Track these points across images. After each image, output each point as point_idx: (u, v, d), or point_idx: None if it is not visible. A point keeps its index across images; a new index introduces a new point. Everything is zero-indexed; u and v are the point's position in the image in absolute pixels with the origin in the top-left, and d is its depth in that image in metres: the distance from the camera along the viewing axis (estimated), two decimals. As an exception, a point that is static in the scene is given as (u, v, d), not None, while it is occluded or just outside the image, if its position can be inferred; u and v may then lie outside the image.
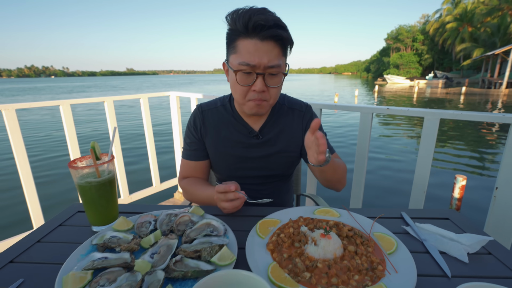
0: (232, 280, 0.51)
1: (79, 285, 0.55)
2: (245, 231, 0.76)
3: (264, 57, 0.86)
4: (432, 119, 1.43)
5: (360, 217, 0.83)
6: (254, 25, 0.83)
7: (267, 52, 0.86)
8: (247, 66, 0.87)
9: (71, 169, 0.76)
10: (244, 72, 0.89)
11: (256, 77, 0.89)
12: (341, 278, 0.58)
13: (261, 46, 0.86)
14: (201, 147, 1.12)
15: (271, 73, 0.90)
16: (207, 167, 1.16)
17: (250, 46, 0.86)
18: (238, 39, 0.88)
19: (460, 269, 0.63)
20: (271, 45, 0.86)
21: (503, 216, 1.28)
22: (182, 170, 1.16)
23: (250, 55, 0.86)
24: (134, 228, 0.78)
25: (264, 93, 0.92)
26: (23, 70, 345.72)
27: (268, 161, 1.09)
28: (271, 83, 0.92)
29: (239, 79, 0.91)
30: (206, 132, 1.10)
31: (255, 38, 0.85)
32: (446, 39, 44.24)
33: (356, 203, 1.80)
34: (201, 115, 1.11)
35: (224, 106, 1.11)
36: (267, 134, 1.08)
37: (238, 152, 1.08)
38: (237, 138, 1.08)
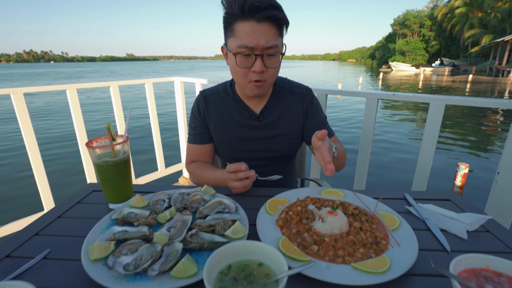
0: (247, 250, 0.55)
1: (104, 253, 0.60)
2: (254, 210, 0.80)
3: (262, 39, 0.88)
4: (437, 105, 1.44)
5: (365, 197, 0.86)
6: (250, 7, 0.85)
7: (264, 33, 0.88)
8: (245, 48, 0.90)
9: (89, 149, 0.80)
10: (243, 54, 0.92)
11: (255, 59, 0.92)
12: (347, 251, 0.62)
13: (258, 27, 0.88)
14: (206, 131, 1.16)
15: (269, 54, 0.92)
16: (213, 150, 1.20)
17: (248, 28, 0.88)
18: (235, 22, 0.90)
19: (459, 245, 0.67)
20: (267, 26, 0.89)
21: (503, 199, 1.32)
22: (189, 154, 1.20)
23: (248, 37, 0.88)
24: (149, 205, 0.82)
25: (263, 73, 0.95)
26: (22, 55, 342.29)
27: (270, 143, 1.13)
28: (270, 64, 0.95)
29: (238, 61, 0.93)
30: (209, 116, 1.14)
31: (252, 20, 0.87)
32: (455, 25, 43.08)
33: (359, 185, 1.84)
34: (204, 100, 1.15)
35: (226, 90, 1.15)
36: (268, 116, 1.11)
37: (240, 134, 1.12)
38: (239, 120, 1.12)
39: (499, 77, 23.60)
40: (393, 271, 0.55)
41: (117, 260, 0.58)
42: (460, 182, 3.29)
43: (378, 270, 0.55)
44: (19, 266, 0.62)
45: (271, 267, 0.53)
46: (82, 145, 2.28)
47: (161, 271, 0.55)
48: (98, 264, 0.58)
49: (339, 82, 17.84)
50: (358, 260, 0.60)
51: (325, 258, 0.60)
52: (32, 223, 0.78)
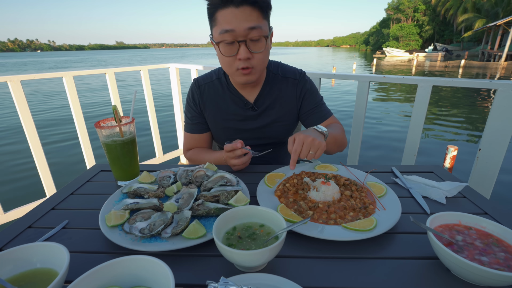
0: (250, 213, 0.62)
1: (120, 221, 0.66)
2: (254, 184, 0.87)
3: (242, 23, 0.87)
4: (424, 86, 1.51)
5: (356, 170, 0.93)
6: None
7: (245, 17, 0.87)
8: (226, 33, 0.89)
9: (98, 129, 0.84)
10: (226, 42, 0.91)
11: (239, 46, 0.91)
12: (338, 214, 0.69)
13: (238, 12, 0.87)
14: (202, 121, 1.17)
15: (253, 39, 0.91)
16: (210, 138, 1.23)
17: (227, 15, 0.88)
18: (216, 12, 0.90)
19: (438, 209, 0.75)
20: (248, 10, 0.87)
21: (484, 174, 1.41)
22: (186, 143, 1.22)
23: (227, 23, 0.88)
24: (156, 181, 0.88)
25: (249, 60, 0.94)
26: (6, 44, 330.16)
27: (265, 131, 1.15)
28: (255, 49, 0.93)
29: (222, 50, 0.93)
30: (204, 106, 1.15)
31: (231, 6, 0.87)
32: (448, 9, 42.86)
33: (352, 163, 1.93)
34: (198, 90, 1.15)
35: (219, 79, 1.14)
36: (262, 105, 1.12)
37: (236, 125, 1.14)
38: (234, 110, 1.12)
39: (491, 62, 23.83)
40: (379, 229, 0.63)
41: (133, 226, 0.65)
42: (449, 164, 3.42)
43: (365, 228, 0.63)
44: (42, 235, 0.68)
45: (272, 228, 0.61)
46: (80, 131, 2.30)
47: (174, 233, 0.62)
48: (115, 230, 0.65)
49: (333, 69, 17.79)
50: (348, 221, 0.67)
51: (319, 221, 0.68)
52: (47, 199, 0.83)
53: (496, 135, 1.34)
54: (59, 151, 4.72)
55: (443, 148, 4.66)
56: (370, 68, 23.48)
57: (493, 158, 1.37)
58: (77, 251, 0.61)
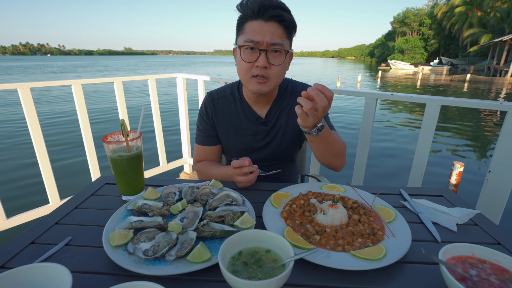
0: (256, 238, 0.61)
1: (124, 240, 0.65)
2: (259, 203, 0.85)
3: (267, 35, 0.94)
4: (433, 105, 1.50)
5: (363, 192, 0.92)
6: (260, 6, 0.92)
7: (270, 31, 0.94)
8: (251, 42, 0.95)
9: (104, 144, 0.84)
10: (248, 48, 0.96)
11: (259, 54, 0.96)
12: (346, 240, 0.67)
13: (265, 25, 0.94)
14: (214, 133, 1.20)
15: (274, 50, 0.96)
16: (220, 151, 1.25)
17: (255, 26, 0.95)
18: (246, 22, 0.97)
19: (449, 236, 0.73)
20: (274, 26, 0.94)
21: (493, 197, 1.38)
22: (197, 154, 1.24)
23: (254, 33, 0.95)
24: (161, 197, 0.88)
25: (266, 69, 0.98)
26: (18, 47, 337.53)
27: (274, 145, 1.17)
28: (274, 61, 0.98)
29: (243, 55, 0.98)
30: (217, 120, 1.18)
31: (260, 19, 0.94)
32: (454, 24, 43.13)
33: (357, 182, 1.91)
34: (211, 104, 1.18)
35: (233, 94, 1.17)
36: (273, 119, 1.15)
37: (247, 140, 1.16)
38: (246, 125, 1.15)
39: (497, 77, 23.75)
40: (388, 258, 0.61)
41: (137, 246, 0.63)
42: (455, 181, 3.36)
43: (374, 257, 0.61)
44: (44, 252, 0.67)
45: (278, 254, 0.59)
46: (87, 140, 2.31)
47: (178, 256, 0.61)
48: (119, 250, 0.64)
49: (338, 80, 17.87)
50: (357, 248, 0.65)
51: (326, 247, 0.66)
52: (51, 213, 0.83)
53: (507, 158, 1.31)
54: (63, 156, 4.75)
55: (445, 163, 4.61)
56: (375, 80, 23.54)
57: (503, 181, 1.34)
58: (79, 271, 0.60)
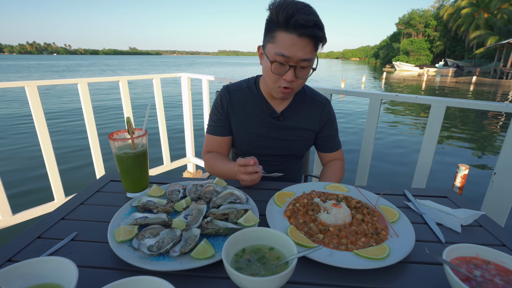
0: (260, 235, 0.61)
1: (128, 236, 0.66)
2: (263, 201, 0.86)
3: (299, 52, 0.95)
4: (438, 106, 1.49)
5: (367, 192, 0.92)
6: (295, 23, 0.90)
7: (302, 47, 0.94)
8: (282, 57, 0.96)
9: (110, 141, 0.85)
10: (279, 62, 0.98)
11: (288, 68, 0.98)
12: (349, 239, 0.67)
13: (298, 41, 0.93)
14: (226, 124, 1.22)
15: (302, 66, 0.99)
16: (230, 143, 1.27)
17: (288, 40, 0.93)
18: (277, 30, 0.95)
19: (453, 237, 0.73)
20: (306, 42, 0.94)
21: (499, 199, 1.37)
22: (207, 144, 1.27)
23: (286, 48, 0.94)
24: (165, 194, 0.88)
25: (292, 82, 1.02)
26: (25, 46, 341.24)
27: (285, 142, 1.21)
28: (300, 75, 1.01)
29: (273, 68, 1.00)
30: (232, 110, 1.20)
31: (294, 33, 0.92)
32: (460, 26, 42.74)
33: (361, 183, 1.90)
34: (228, 95, 1.21)
35: (250, 87, 1.21)
36: (288, 118, 1.19)
37: (260, 130, 1.19)
38: (260, 116, 1.19)
39: (503, 79, 23.49)
40: (392, 258, 0.61)
41: (141, 242, 0.64)
42: (459, 183, 3.33)
43: (378, 257, 0.61)
44: (50, 246, 0.68)
45: (281, 251, 0.59)
46: (92, 138, 2.34)
47: (182, 252, 0.61)
48: (123, 245, 0.64)
49: (342, 81, 17.82)
50: (360, 247, 0.65)
51: (329, 246, 0.66)
52: (57, 209, 0.84)
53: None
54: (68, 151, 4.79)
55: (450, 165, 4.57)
56: (380, 81, 23.42)
57: (509, 183, 1.33)
58: (85, 266, 0.61)
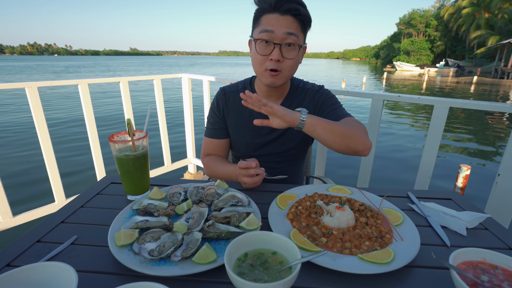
0: (263, 240, 0.60)
1: (129, 240, 0.65)
2: (265, 204, 0.85)
3: (283, 28, 0.96)
4: (441, 107, 1.48)
5: (370, 194, 0.91)
6: (277, 2, 0.94)
7: (286, 24, 0.96)
8: (265, 33, 0.97)
9: (111, 143, 0.84)
10: (263, 41, 0.98)
11: (273, 47, 0.98)
12: (353, 243, 0.66)
13: (281, 18, 0.96)
14: (223, 126, 1.21)
15: (288, 43, 0.98)
16: (228, 145, 1.26)
17: (271, 19, 0.97)
18: (262, 16, 0.99)
19: (458, 241, 0.72)
20: (290, 20, 0.96)
21: (503, 200, 1.36)
22: (205, 147, 1.26)
23: (269, 25, 0.97)
24: (166, 197, 0.87)
25: (279, 63, 1.00)
26: (26, 47, 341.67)
27: (283, 141, 1.18)
28: (287, 55, 1.00)
29: (258, 48, 1.00)
30: (228, 113, 1.19)
31: (276, 12, 0.96)
32: (461, 25, 42.64)
33: (363, 184, 1.89)
34: (223, 97, 1.20)
35: (245, 88, 1.20)
36: None
37: (256, 133, 1.17)
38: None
39: (504, 79, 23.42)
40: (397, 262, 0.60)
41: (142, 246, 0.63)
42: (461, 184, 3.31)
43: (383, 261, 0.60)
44: (50, 250, 0.67)
45: (285, 256, 0.58)
46: (92, 139, 2.33)
47: (183, 257, 0.60)
48: (124, 249, 0.64)
49: (342, 81, 17.79)
50: (364, 252, 0.64)
51: (333, 250, 0.65)
52: (57, 212, 0.83)
53: (517, 161, 1.29)
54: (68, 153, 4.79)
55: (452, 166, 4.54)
56: (380, 81, 23.39)
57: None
58: (85, 270, 0.60)
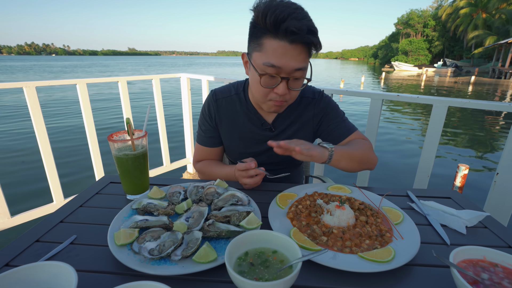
0: (263, 238, 0.60)
1: (129, 239, 0.65)
2: (265, 203, 0.85)
3: (292, 61, 0.83)
4: (440, 106, 1.49)
5: (370, 193, 0.91)
6: (287, 30, 0.78)
7: (294, 56, 0.82)
8: (272, 67, 0.84)
9: (110, 142, 0.84)
10: (269, 75, 0.86)
11: (280, 81, 0.87)
12: (354, 242, 0.66)
13: (290, 49, 0.81)
14: (216, 135, 1.15)
15: (295, 77, 0.88)
16: (221, 152, 1.21)
17: (278, 49, 0.81)
18: (264, 37, 0.83)
19: (458, 239, 0.72)
20: (299, 49, 0.82)
21: (502, 199, 1.36)
22: (197, 154, 1.20)
23: (277, 58, 0.82)
24: (166, 196, 0.87)
25: (285, 95, 0.91)
26: (23, 47, 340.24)
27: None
28: (294, 86, 0.91)
29: (263, 82, 0.88)
30: (220, 122, 1.13)
31: (284, 40, 0.80)
32: (459, 26, 42.82)
33: (362, 183, 1.89)
34: (215, 104, 1.12)
35: (238, 95, 1.11)
36: (280, 126, 1.11)
37: (251, 143, 1.12)
38: (250, 129, 1.10)
39: (502, 79, 23.54)
40: (397, 261, 0.60)
41: (142, 245, 0.63)
42: (459, 183, 3.33)
43: (383, 259, 0.60)
44: (49, 250, 0.66)
45: (285, 254, 0.58)
46: (91, 139, 2.32)
47: (184, 256, 0.60)
48: (124, 249, 0.63)
49: (341, 81, 17.83)
50: (365, 250, 0.64)
51: (333, 248, 0.65)
52: (56, 212, 0.83)
53: (515, 160, 1.30)
54: (67, 154, 4.77)
55: (450, 165, 4.56)
56: (379, 81, 23.45)
57: (511, 184, 1.32)
58: (84, 270, 0.60)
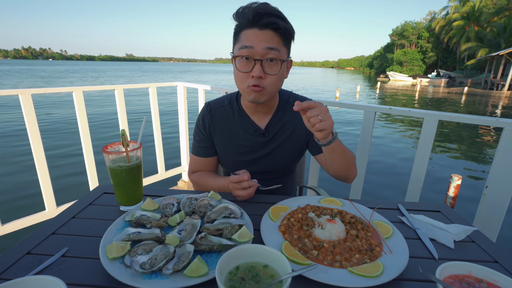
0: (254, 253, 0.61)
1: (121, 253, 0.65)
2: (257, 215, 0.85)
3: (262, 42, 0.93)
4: (431, 120, 1.52)
5: (361, 206, 0.92)
6: (254, 14, 0.91)
7: (265, 39, 0.93)
8: (245, 49, 0.94)
9: (104, 154, 0.85)
10: (243, 58, 0.95)
11: (254, 64, 0.95)
12: (344, 256, 0.67)
13: (260, 33, 0.93)
14: (210, 145, 1.17)
15: (269, 59, 0.94)
16: (216, 162, 1.23)
17: (250, 34, 0.94)
18: (241, 31, 0.96)
19: (446, 253, 0.73)
20: (270, 34, 0.93)
21: (491, 212, 1.39)
22: (192, 165, 1.22)
23: (249, 40, 0.94)
24: (159, 208, 0.88)
25: (261, 79, 0.96)
26: (20, 51, 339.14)
27: (273, 156, 1.15)
28: (269, 71, 0.96)
29: (238, 65, 0.97)
30: (214, 131, 1.16)
31: (255, 27, 0.93)
32: (452, 38, 43.81)
33: (355, 195, 1.91)
34: (209, 114, 1.16)
35: (231, 104, 1.15)
36: (273, 131, 1.13)
37: (245, 150, 1.14)
38: (244, 136, 1.13)
39: (494, 90, 24.00)
40: (386, 276, 0.61)
41: (134, 259, 0.63)
42: (453, 193, 3.36)
43: (372, 274, 0.61)
44: (40, 263, 0.66)
45: (276, 269, 0.59)
46: (86, 147, 2.31)
47: (175, 270, 0.61)
48: (115, 262, 0.63)
49: (337, 90, 18.03)
50: (354, 265, 0.65)
51: (324, 262, 0.66)
52: (48, 222, 0.82)
53: (504, 174, 1.33)
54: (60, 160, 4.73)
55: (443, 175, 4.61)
56: (374, 91, 23.76)
57: (500, 197, 1.34)
58: (75, 284, 0.60)
